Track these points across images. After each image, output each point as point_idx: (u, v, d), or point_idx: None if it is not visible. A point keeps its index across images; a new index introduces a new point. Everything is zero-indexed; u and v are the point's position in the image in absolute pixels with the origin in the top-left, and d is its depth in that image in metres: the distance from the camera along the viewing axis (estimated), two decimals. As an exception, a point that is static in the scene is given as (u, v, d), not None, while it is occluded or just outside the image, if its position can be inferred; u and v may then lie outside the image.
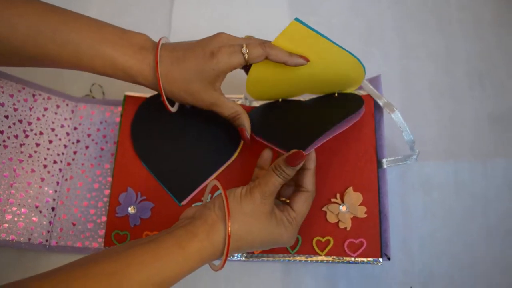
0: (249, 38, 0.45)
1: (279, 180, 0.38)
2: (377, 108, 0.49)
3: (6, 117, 0.49)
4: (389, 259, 0.45)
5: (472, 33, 0.62)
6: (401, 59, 0.61)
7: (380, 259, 0.45)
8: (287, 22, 0.64)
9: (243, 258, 0.47)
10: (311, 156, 0.41)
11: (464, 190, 0.54)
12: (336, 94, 0.49)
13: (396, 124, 0.47)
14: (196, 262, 0.36)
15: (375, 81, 0.49)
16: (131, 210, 0.49)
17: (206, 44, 0.42)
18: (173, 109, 0.48)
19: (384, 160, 0.47)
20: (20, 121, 0.51)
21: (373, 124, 0.48)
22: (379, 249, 0.45)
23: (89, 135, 0.55)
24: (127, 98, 0.53)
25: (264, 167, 0.45)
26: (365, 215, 0.46)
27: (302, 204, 0.41)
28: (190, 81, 0.42)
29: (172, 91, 0.44)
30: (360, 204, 0.46)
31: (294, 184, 0.43)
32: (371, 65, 0.61)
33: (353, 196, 0.46)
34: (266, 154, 0.45)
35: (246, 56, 0.42)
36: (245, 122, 0.46)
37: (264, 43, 0.43)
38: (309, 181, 0.41)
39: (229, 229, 0.36)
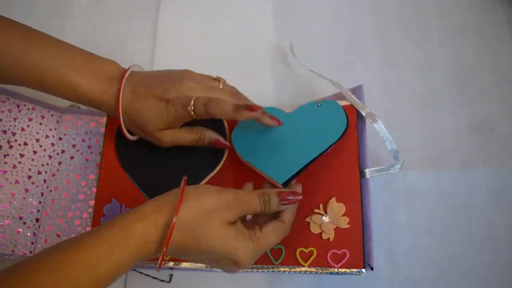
0: (218, 80, 0.45)
1: (259, 207, 0.37)
2: (360, 118, 0.49)
3: (-11, 129, 0.49)
4: (372, 269, 0.45)
5: (452, 41, 0.62)
6: (383, 68, 0.61)
7: (363, 270, 0.45)
8: (270, 30, 0.65)
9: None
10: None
11: (447, 198, 0.54)
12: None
13: (379, 134, 0.47)
14: (139, 247, 0.33)
15: (357, 91, 0.49)
16: (115, 221, 0.49)
17: (167, 88, 0.42)
18: (133, 138, 0.48)
19: (366, 170, 0.47)
20: (4, 132, 0.51)
21: (356, 134, 0.48)
22: (362, 260, 0.45)
23: (74, 146, 0.55)
24: (112, 108, 0.53)
25: None
26: (348, 226, 0.46)
27: (272, 230, 0.38)
28: (147, 121, 0.43)
29: (131, 126, 0.45)
30: (343, 215, 0.46)
31: (272, 214, 0.41)
32: (353, 74, 0.61)
33: (336, 207, 0.46)
34: (246, 188, 0.44)
35: (192, 113, 0.42)
36: (212, 134, 0.46)
37: (208, 102, 0.41)
38: (289, 213, 0.40)
39: (178, 211, 0.34)
